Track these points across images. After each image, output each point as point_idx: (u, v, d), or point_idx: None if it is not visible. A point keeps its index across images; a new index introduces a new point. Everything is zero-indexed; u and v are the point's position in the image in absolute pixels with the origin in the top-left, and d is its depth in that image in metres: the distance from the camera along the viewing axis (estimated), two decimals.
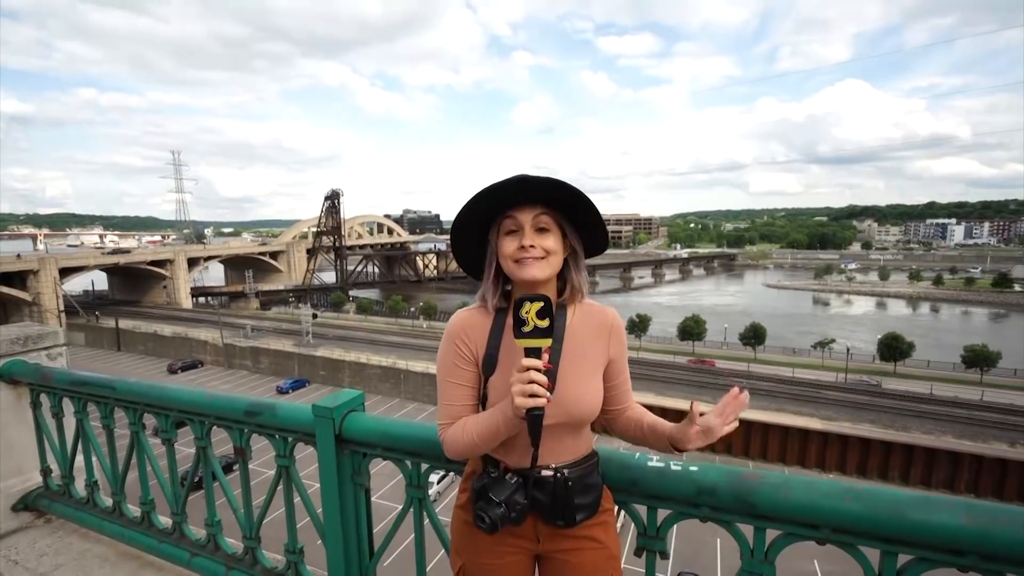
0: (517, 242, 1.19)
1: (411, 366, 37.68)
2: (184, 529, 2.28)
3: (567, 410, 1.19)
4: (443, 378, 1.27)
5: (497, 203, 1.20)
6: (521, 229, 1.19)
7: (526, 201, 1.19)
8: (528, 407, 1.04)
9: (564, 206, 1.21)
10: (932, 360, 42.02)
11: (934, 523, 1.05)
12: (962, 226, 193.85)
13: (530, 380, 1.04)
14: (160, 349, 49.63)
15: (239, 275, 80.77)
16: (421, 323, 60.95)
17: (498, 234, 1.23)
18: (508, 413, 1.10)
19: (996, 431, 27.60)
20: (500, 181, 1.16)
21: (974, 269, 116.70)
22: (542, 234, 1.19)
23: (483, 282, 1.28)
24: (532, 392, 1.04)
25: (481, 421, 1.18)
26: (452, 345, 1.26)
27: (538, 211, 1.19)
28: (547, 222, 1.20)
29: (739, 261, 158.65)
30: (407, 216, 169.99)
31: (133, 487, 2.41)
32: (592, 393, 1.24)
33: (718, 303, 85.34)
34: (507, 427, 1.13)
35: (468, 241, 1.28)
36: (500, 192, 1.17)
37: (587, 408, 1.22)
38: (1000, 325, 73.09)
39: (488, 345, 1.24)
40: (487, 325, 1.26)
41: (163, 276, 70.80)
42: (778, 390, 33.68)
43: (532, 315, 1.06)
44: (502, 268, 1.23)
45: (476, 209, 1.21)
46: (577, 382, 1.21)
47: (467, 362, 1.25)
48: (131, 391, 2.28)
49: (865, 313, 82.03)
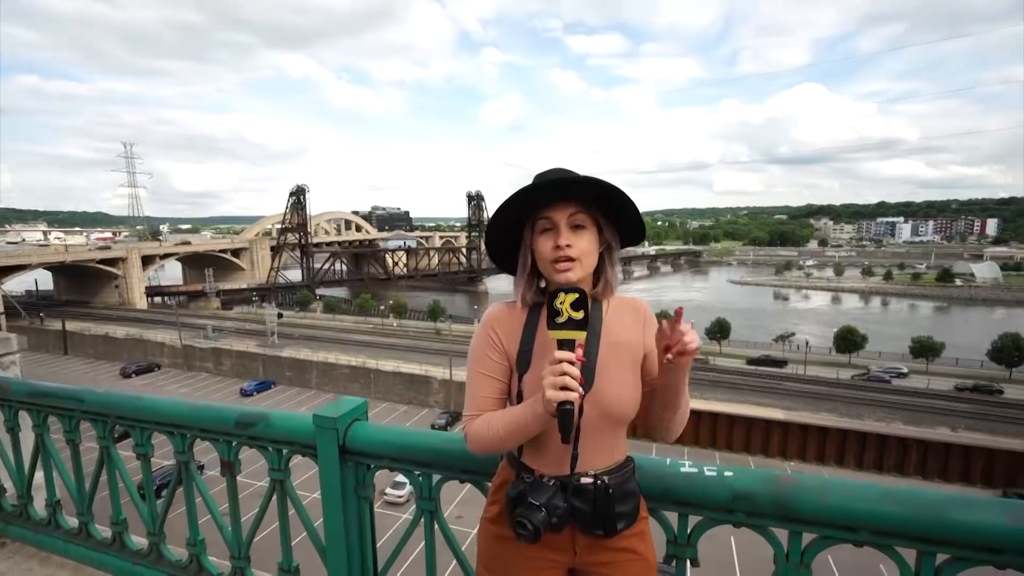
0: (552, 241, 1.14)
1: (381, 365, 37.09)
2: (162, 550, 2.12)
3: (606, 409, 1.14)
4: (473, 368, 1.22)
5: (532, 199, 1.16)
6: (556, 227, 1.14)
7: (560, 198, 1.14)
8: (559, 400, 0.99)
9: (599, 200, 1.16)
10: (883, 351, 44.31)
11: (975, 523, 1.05)
12: (909, 224, 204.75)
13: (562, 372, 0.99)
14: (112, 352, 47.08)
15: (198, 274, 77.28)
16: (391, 322, 60.04)
17: (533, 232, 1.18)
18: (538, 408, 1.04)
19: (941, 417, 29.34)
20: (535, 181, 1.14)
21: (920, 265, 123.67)
22: (577, 232, 1.15)
23: (516, 278, 1.23)
24: (564, 385, 0.99)
25: (509, 415, 1.13)
26: (485, 334, 1.22)
27: (573, 209, 1.15)
28: (583, 219, 1.15)
29: (704, 258, 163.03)
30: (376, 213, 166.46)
31: (102, 506, 2.23)
32: (632, 390, 1.19)
33: (685, 298, 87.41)
34: (536, 422, 1.07)
35: (503, 238, 1.24)
36: (535, 191, 1.14)
37: (628, 406, 1.17)
38: (944, 317, 77.71)
39: (522, 342, 1.19)
40: (521, 321, 1.21)
41: (115, 275, 67.14)
42: (742, 382, 34.80)
43: (567, 306, 1.02)
44: (536, 265, 1.19)
45: (512, 208, 1.16)
46: (617, 379, 1.16)
47: (499, 354, 1.20)
48: (101, 402, 2.10)
49: (822, 307, 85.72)
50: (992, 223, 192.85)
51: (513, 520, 1.08)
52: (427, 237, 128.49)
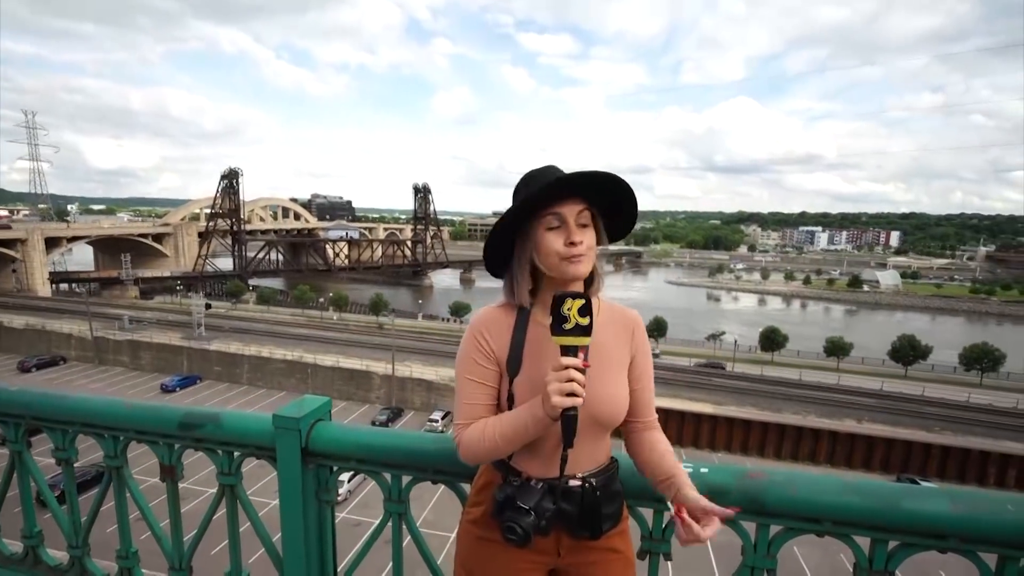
0: (563, 238, 1.12)
1: (320, 360, 35.67)
2: (86, 564, 1.91)
3: (597, 413, 1.14)
4: (463, 375, 1.18)
5: (538, 198, 1.12)
6: (566, 223, 1.12)
7: (569, 195, 1.12)
8: (567, 406, 0.98)
9: (600, 198, 1.15)
10: (802, 350, 48.15)
11: (924, 511, 1.14)
12: (826, 234, 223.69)
13: (569, 379, 0.98)
14: (8, 344, 42.11)
15: (114, 259, 70.52)
16: (331, 315, 57.83)
17: (537, 229, 1.14)
18: (539, 413, 1.02)
19: (849, 410, 32.36)
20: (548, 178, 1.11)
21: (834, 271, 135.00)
22: (584, 230, 1.14)
23: (509, 279, 1.19)
24: (571, 391, 0.98)
25: (506, 421, 1.09)
26: (473, 340, 1.18)
27: (581, 207, 1.13)
28: (587, 217, 1.14)
29: (645, 259, 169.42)
30: (316, 201, 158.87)
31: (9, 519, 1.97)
32: (622, 395, 1.19)
33: (625, 297, 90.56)
34: (536, 428, 1.05)
35: (501, 238, 1.18)
36: (548, 188, 1.09)
37: (617, 411, 1.17)
38: (853, 319, 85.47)
39: (512, 344, 1.16)
40: (510, 324, 1.18)
41: (12, 258, 60.09)
42: (676, 379, 36.61)
43: (574, 312, 1.00)
44: (536, 264, 1.16)
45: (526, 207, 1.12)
46: (607, 383, 1.16)
47: (488, 359, 1.17)
48: (12, 401, 1.85)
49: (749, 308, 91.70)
50: (895, 235, 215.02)
51: (502, 524, 1.06)
52: (370, 228, 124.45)
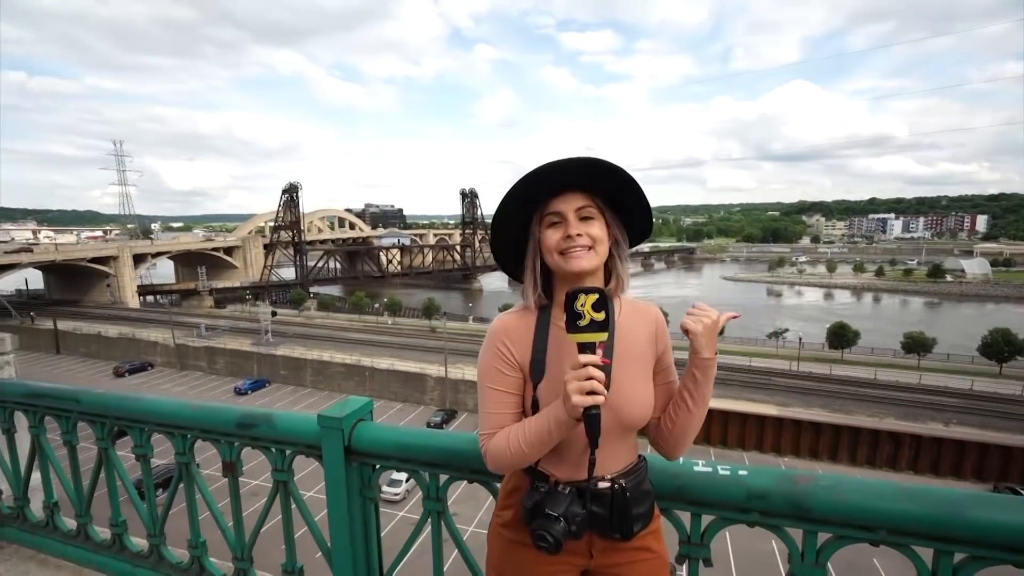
0: (561, 233, 1.11)
1: (376, 363, 36.97)
2: (163, 551, 2.09)
3: (622, 412, 1.11)
4: (485, 384, 1.16)
5: (535, 193, 1.12)
6: (564, 219, 1.11)
7: (566, 189, 1.11)
8: (588, 405, 0.95)
9: (606, 193, 1.13)
10: (876, 347, 44.67)
11: (994, 521, 1.04)
12: (900, 221, 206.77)
13: (588, 376, 0.95)
14: (105, 351, 46.63)
15: (191, 272, 76.69)
16: (386, 319, 59.84)
17: (540, 227, 1.14)
18: (561, 415, 1.00)
19: (933, 412, 29.63)
20: (537, 169, 1.08)
21: (911, 261, 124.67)
22: (586, 223, 1.12)
23: (524, 281, 1.18)
24: (591, 389, 0.95)
25: (529, 427, 1.07)
26: (493, 348, 1.16)
27: (581, 203, 1.11)
28: (591, 211, 1.12)
29: (698, 255, 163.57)
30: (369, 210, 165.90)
31: (101, 508, 2.19)
32: (648, 394, 1.16)
33: (679, 295, 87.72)
34: (559, 430, 1.03)
35: (508, 237, 1.19)
36: (537, 181, 1.09)
37: (643, 410, 1.15)
38: (934, 313, 78.42)
39: (534, 348, 1.14)
40: (531, 326, 1.16)
41: (106, 274, 66.45)
42: (734, 378, 34.94)
43: (588, 308, 0.97)
44: (545, 263, 1.15)
45: (515, 200, 1.12)
46: (633, 382, 1.14)
47: (510, 367, 1.15)
48: (99, 403, 2.06)
49: (815, 303, 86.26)
50: (982, 219, 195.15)
51: (533, 533, 1.05)
52: (421, 235, 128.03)
